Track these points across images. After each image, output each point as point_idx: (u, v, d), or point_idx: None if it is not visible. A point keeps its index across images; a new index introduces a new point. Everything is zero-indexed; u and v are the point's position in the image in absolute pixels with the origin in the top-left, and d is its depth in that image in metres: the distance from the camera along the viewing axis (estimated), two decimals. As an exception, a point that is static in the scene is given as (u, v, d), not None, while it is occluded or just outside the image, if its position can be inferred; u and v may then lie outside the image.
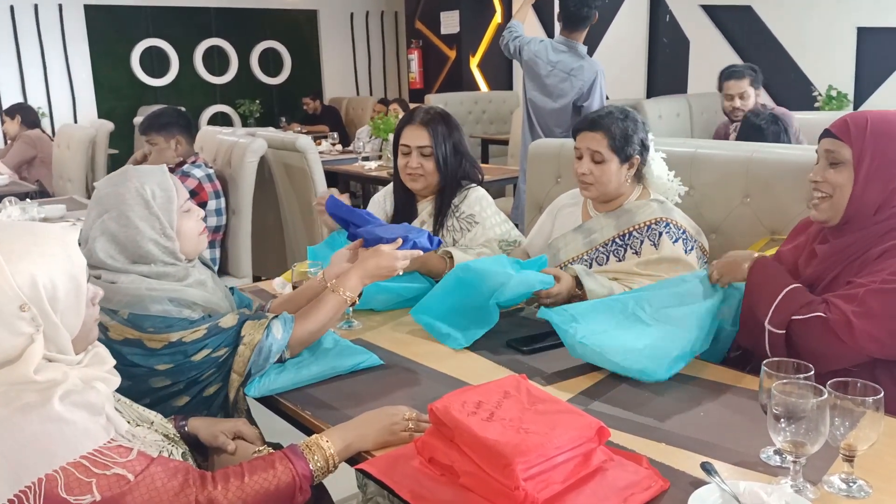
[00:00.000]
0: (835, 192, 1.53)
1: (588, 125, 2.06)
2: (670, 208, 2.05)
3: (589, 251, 2.08)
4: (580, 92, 4.03)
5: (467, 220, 2.30)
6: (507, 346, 1.76)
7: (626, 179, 2.05)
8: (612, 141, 2.00)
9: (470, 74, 8.31)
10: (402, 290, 2.02)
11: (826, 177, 1.54)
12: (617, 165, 2.02)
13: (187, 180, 3.33)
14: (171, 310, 1.48)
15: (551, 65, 4.11)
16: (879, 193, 1.49)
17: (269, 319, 1.55)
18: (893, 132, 1.49)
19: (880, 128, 1.50)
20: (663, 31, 6.75)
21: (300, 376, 1.57)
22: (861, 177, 1.49)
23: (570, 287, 1.91)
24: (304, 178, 3.73)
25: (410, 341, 1.81)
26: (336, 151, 5.93)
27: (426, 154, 2.27)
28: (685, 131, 5.88)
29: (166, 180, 1.53)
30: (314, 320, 1.61)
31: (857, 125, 1.50)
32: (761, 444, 1.25)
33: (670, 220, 2.01)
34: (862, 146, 1.49)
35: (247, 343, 1.51)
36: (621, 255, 2.02)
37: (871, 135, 1.49)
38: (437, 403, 1.17)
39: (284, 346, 1.56)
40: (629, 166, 2.04)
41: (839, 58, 5.55)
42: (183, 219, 1.55)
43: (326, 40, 9.21)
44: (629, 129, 2.02)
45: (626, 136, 2.01)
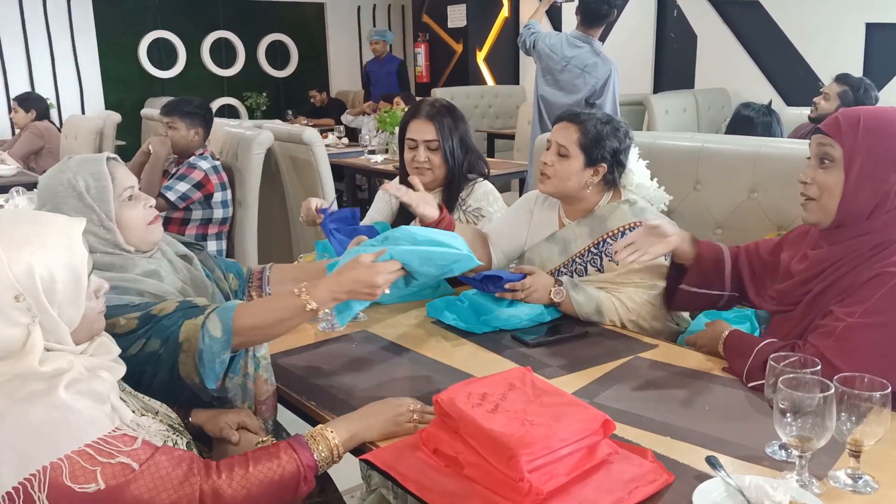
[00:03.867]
0: (822, 194, 1.43)
1: (567, 116, 2.01)
2: (642, 208, 1.98)
3: (566, 262, 2.02)
4: (593, 89, 4.02)
5: (474, 213, 2.30)
6: (513, 339, 1.76)
7: (588, 185, 1.98)
8: (584, 138, 1.94)
9: (476, 68, 8.28)
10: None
11: (814, 178, 1.44)
12: (580, 165, 1.95)
13: (193, 172, 3.34)
14: (112, 297, 1.34)
15: (565, 60, 4.10)
16: (872, 195, 1.38)
17: (204, 316, 1.36)
18: (887, 129, 1.38)
19: (873, 125, 1.38)
20: (671, 25, 6.72)
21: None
22: (852, 177, 1.38)
23: (548, 284, 1.87)
24: (311, 171, 3.72)
25: (415, 334, 1.81)
26: (342, 145, 5.92)
27: (433, 148, 2.27)
28: (692, 127, 5.87)
29: (101, 170, 1.46)
30: (259, 314, 1.40)
31: (849, 122, 1.40)
32: (767, 439, 1.25)
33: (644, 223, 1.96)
34: (854, 145, 1.38)
35: (186, 350, 1.34)
36: (599, 265, 1.96)
37: (863, 133, 1.38)
38: (442, 395, 1.17)
39: (228, 342, 1.36)
40: (593, 173, 1.97)
41: (847, 53, 5.51)
42: (124, 208, 1.47)
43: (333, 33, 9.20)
44: (605, 133, 1.95)
45: (599, 138, 1.94)
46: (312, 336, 1.79)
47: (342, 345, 1.74)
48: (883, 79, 5.42)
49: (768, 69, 6.10)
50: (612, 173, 2.00)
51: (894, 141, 1.38)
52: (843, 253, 1.44)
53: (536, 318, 1.83)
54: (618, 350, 1.68)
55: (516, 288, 1.83)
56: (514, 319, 1.81)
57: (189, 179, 3.33)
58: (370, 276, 1.40)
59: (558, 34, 4.23)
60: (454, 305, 1.87)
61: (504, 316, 1.81)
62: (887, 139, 1.38)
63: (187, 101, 3.48)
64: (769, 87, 6.08)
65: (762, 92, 6.06)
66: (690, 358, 1.65)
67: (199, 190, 3.35)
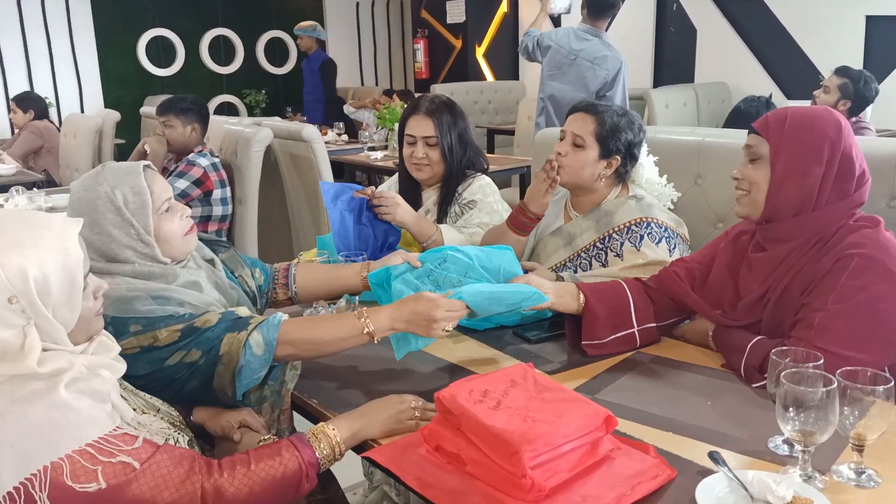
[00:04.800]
0: (752, 188, 1.50)
1: (584, 106, 2.02)
2: (649, 204, 1.98)
3: (571, 257, 2.02)
4: (604, 81, 4.01)
5: (468, 205, 2.30)
6: (514, 336, 1.75)
7: (601, 178, 1.99)
8: (600, 129, 1.95)
9: (476, 64, 8.27)
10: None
11: (745, 173, 1.52)
12: (595, 156, 1.96)
13: (192, 169, 3.33)
14: (156, 308, 1.37)
15: (574, 53, 4.08)
16: (796, 189, 1.44)
17: (248, 333, 1.37)
18: (811, 126, 1.44)
19: (799, 121, 1.45)
20: (670, 19, 6.71)
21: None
22: (778, 171, 1.45)
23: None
24: (310, 168, 3.72)
25: (416, 330, 1.81)
26: (342, 141, 5.92)
27: (431, 144, 2.26)
28: (692, 121, 5.86)
29: (140, 183, 1.42)
30: (316, 329, 1.43)
31: (776, 120, 1.47)
32: (769, 433, 1.24)
33: (651, 219, 1.94)
34: (779, 141, 1.45)
35: (226, 364, 1.35)
36: (604, 260, 1.96)
37: (788, 129, 1.45)
38: (444, 392, 1.17)
39: (269, 360, 1.38)
40: (607, 165, 1.97)
41: (848, 46, 5.50)
42: (162, 221, 1.45)
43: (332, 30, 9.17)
44: (621, 125, 1.96)
45: (616, 130, 1.95)
46: (313, 333, 1.79)
47: (343, 342, 1.74)
48: (883, 71, 5.41)
49: (768, 63, 6.09)
50: (625, 166, 2.01)
51: (816, 136, 1.43)
52: (787, 251, 1.48)
53: (538, 315, 1.83)
54: (619, 345, 1.68)
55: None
56: (515, 315, 1.80)
57: (188, 176, 3.33)
58: (430, 309, 1.40)
59: (564, 29, 4.22)
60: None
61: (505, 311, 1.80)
62: (810, 134, 1.44)
63: (181, 98, 3.48)
64: (769, 81, 6.07)
65: (762, 85, 6.05)
66: (693, 353, 1.64)
67: (198, 187, 3.35)
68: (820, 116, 1.46)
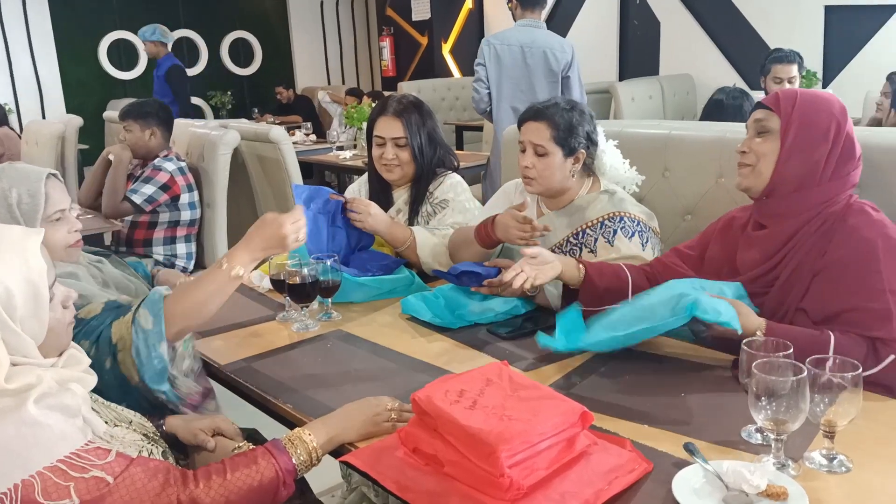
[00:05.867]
0: (759, 160, 1.56)
1: (532, 115, 2.00)
2: (621, 198, 1.99)
3: None
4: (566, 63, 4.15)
5: (440, 205, 2.30)
6: (488, 333, 1.76)
7: (572, 174, 1.99)
8: (556, 132, 1.94)
9: (442, 61, 8.27)
10: (381, 283, 2.01)
11: (751, 146, 1.58)
12: (560, 159, 1.96)
13: (158, 174, 3.29)
14: None
15: (526, 46, 4.14)
16: (803, 163, 1.51)
17: (132, 312, 1.40)
18: (820, 105, 1.52)
19: (809, 100, 1.53)
20: (634, 13, 6.76)
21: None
22: (787, 145, 1.52)
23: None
24: (279, 170, 3.69)
25: (391, 331, 1.80)
26: (310, 142, 5.88)
27: (401, 145, 2.26)
28: (658, 113, 5.91)
29: (38, 187, 1.50)
30: (188, 294, 1.44)
31: (787, 97, 1.55)
32: (742, 423, 1.26)
33: (623, 213, 1.95)
34: (790, 116, 1.52)
35: (122, 349, 1.36)
36: (577, 255, 1.97)
37: (799, 106, 1.52)
38: (420, 393, 1.17)
39: (161, 332, 1.39)
40: (574, 160, 1.97)
41: (807, 36, 5.59)
42: (49, 228, 1.49)
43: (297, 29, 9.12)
44: (574, 120, 1.95)
45: (571, 127, 1.94)
46: (287, 338, 1.78)
47: (317, 345, 1.73)
48: (842, 61, 5.52)
49: (731, 54, 6.17)
50: (591, 156, 2.02)
51: (824, 115, 1.52)
52: (791, 228, 1.54)
53: (511, 311, 1.83)
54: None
55: (493, 284, 1.83)
56: (488, 313, 1.81)
57: (155, 182, 3.28)
58: (275, 229, 1.50)
59: (506, 31, 4.31)
60: (428, 301, 1.86)
61: (479, 310, 1.81)
62: (819, 113, 1.52)
63: (142, 103, 3.42)
64: (732, 72, 6.14)
65: (726, 77, 6.12)
66: (664, 344, 1.66)
67: (165, 192, 3.30)
68: (826, 99, 1.54)
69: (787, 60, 4.01)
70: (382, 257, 2.15)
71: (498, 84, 4.27)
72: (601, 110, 5.62)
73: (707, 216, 2.22)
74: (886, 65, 5.11)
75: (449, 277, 1.89)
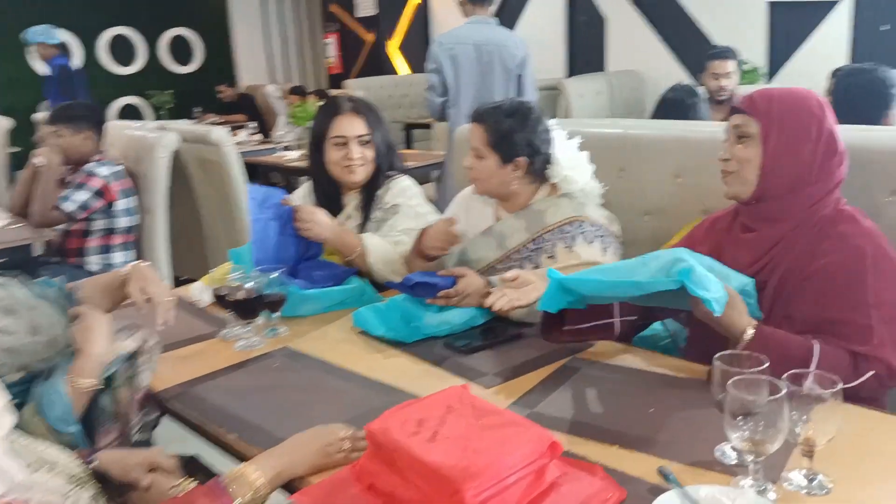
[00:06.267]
0: (742, 166, 1.51)
1: (474, 116, 1.97)
2: (581, 203, 1.93)
3: (502, 258, 1.95)
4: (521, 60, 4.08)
5: (391, 210, 2.20)
6: (445, 347, 1.67)
7: (513, 181, 1.93)
8: (491, 136, 1.90)
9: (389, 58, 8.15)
10: (331, 295, 1.91)
11: (734, 153, 1.52)
12: (496, 164, 1.90)
13: (92, 180, 3.11)
14: None
15: (480, 45, 4.06)
16: (788, 166, 1.47)
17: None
18: (799, 105, 1.48)
19: (786, 100, 1.49)
20: (580, 8, 6.75)
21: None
22: (770, 150, 1.47)
23: (481, 286, 1.79)
24: (221, 173, 3.54)
25: (342, 347, 1.70)
26: (255, 142, 5.70)
27: (366, 142, 2.16)
28: (606, 110, 5.91)
29: None
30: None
31: (763, 99, 1.50)
32: (715, 440, 1.19)
33: (584, 217, 1.89)
34: (769, 119, 1.47)
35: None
36: (537, 261, 1.90)
37: (777, 108, 1.48)
38: (375, 424, 1.07)
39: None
40: (514, 167, 1.90)
41: (751, 32, 5.64)
42: None
43: (238, 25, 8.88)
44: (512, 127, 1.88)
45: (507, 134, 1.88)
46: (230, 357, 1.66)
47: (263, 365, 1.62)
48: (786, 55, 5.59)
49: (677, 50, 6.20)
50: (535, 165, 1.93)
51: (804, 114, 1.47)
52: (781, 231, 1.49)
53: (469, 322, 1.75)
54: (554, 351, 1.61)
55: (449, 294, 1.75)
56: (445, 325, 1.72)
57: (88, 188, 3.10)
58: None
59: (457, 30, 4.21)
60: (381, 313, 1.77)
61: (435, 322, 1.72)
62: (798, 112, 1.47)
63: (72, 105, 3.24)
64: (679, 68, 6.18)
65: (673, 73, 6.15)
66: (628, 356, 1.59)
67: (99, 198, 3.13)
68: (804, 96, 1.50)
69: (722, 56, 4.08)
70: (332, 267, 2.04)
71: (455, 85, 4.17)
72: (550, 107, 5.58)
73: (666, 216, 2.19)
74: (829, 58, 5.19)
75: (402, 288, 1.79)
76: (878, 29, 5.11)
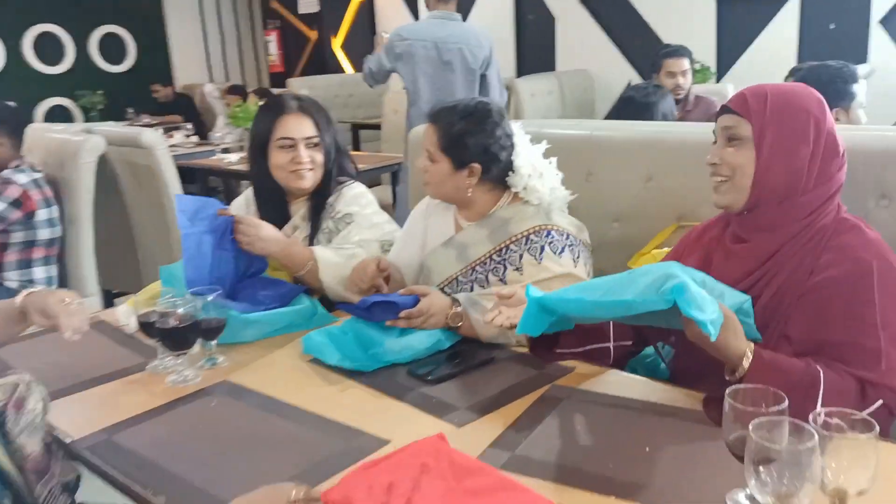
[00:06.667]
0: (735, 172, 1.35)
1: (429, 116, 1.81)
2: (547, 210, 1.77)
3: (465, 271, 1.78)
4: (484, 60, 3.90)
5: (344, 220, 2.00)
6: (409, 376, 1.48)
7: (468, 188, 1.77)
8: (443, 139, 1.75)
9: (334, 56, 7.90)
10: (277, 317, 1.70)
11: (724, 157, 1.37)
12: (448, 169, 1.75)
13: (8, 189, 2.83)
14: None
15: (441, 42, 3.86)
16: (785, 172, 1.32)
17: None
18: (795, 104, 1.33)
19: (781, 100, 1.34)
20: (529, 7, 6.64)
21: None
22: (764, 154, 1.32)
23: (445, 306, 1.61)
24: (154, 179, 3.29)
25: (291, 379, 1.50)
26: (191, 144, 5.40)
27: (315, 144, 1.96)
28: (558, 110, 5.81)
29: None
30: None
31: (756, 98, 1.34)
32: (724, 485, 1.04)
33: (551, 226, 1.73)
34: (763, 121, 1.32)
35: None
36: (502, 274, 1.73)
37: (771, 108, 1.32)
38: (334, 492, 0.88)
39: None
40: (468, 173, 1.75)
41: (700, 30, 5.62)
42: None
43: (173, 22, 8.50)
44: (466, 130, 1.73)
45: (459, 137, 1.73)
46: (160, 395, 1.44)
47: (199, 404, 1.40)
48: (734, 54, 5.56)
49: (627, 50, 6.14)
50: (491, 171, 1.77)
51: (801, 114, 1.33)
52: (776, 242, 1.34)
53: (434, 347, 1.57)
54: (531, 379, 1.44)
55: (411, 315, 1.56)
56: (408, 351, 1.54)
57: (4, 197, 2.81)
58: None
59: (418, 24, 4.00)
60: (335, 338, 1.57)
61: (396, 348, 1.54)
62: (795, 112, 1.33)
63: None
64: (629, 68, 6.12)
65: (623, 73, 6.11)
66: (612, 379, 1.44)
67: (17, 208, 2.84)
68: (800, 93, 1.35)
69: (678, 55, 4.03)
70: (278, 284, 1.83)
71: (413, 83, 3.95)
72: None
73: (638, 222, 2.05)
74: (778, 57, 5.22)
75: (358, 312, 1.60)
76: (827, 27, 5.12)
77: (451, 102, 1.82)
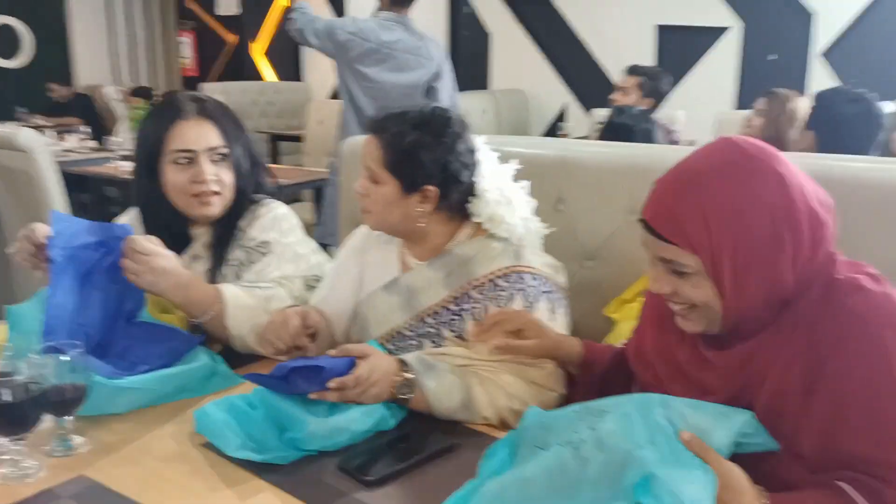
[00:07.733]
0: (699, 303, 1.04)
1: (370, 126, 1.43)
2: (518, 248, 1.42)
3: (412, 323, 1.41)
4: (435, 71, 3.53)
5: (259, 248, 1.59)
6: (341, 473, 1.08)
7: (419, 217, 1.41)
8: (390, 155, 1.38)
9: (254, 62, 7.44)
10: (161, 380, 1.27)
11: (679, 290, 1.05)
12: (397, 193, 1.39)
13: None
14: None
15: (388, 46, 3.43)
16: (759, 285, 1.00)
17: None
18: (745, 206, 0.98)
19: (726, 209, 0.98)
20: (463, 23, 6.39)
21: None
22: (727, 285, 1.00)
23: (391, 371, 1.21)
24: (31, 186, 2.81)
25: (173, 475, 1.08)
26: (87, 149, 4.84)
27: (222, 156, 1.55)
28: (493, 129, 5.56)
29: None
30: None
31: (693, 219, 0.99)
32: None
33: (524, 268, 1.39)
34: (711, 249, 0.99)
35: None
36: (460, 329, 1.37)
37: (716, 228, 0.98)
38: None
39: None
40: (421, 198, 1.40)
41: (639, 55, 5.47)
42: None
43: (76, 16, 7.86)
44: (419, 143, 1.37)
45: (409, 153, 1.37)
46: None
47: (36, 518, 0.97)
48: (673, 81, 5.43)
49: (563, 71, 6.02)
50: (450, 196, 1.41)
51: (758, 216, 0.98)
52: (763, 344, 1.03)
53: (374, 428, 1.17)
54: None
55: (345, 385, 1.16)
56: (340, 435, 1.14)
57: None
58: None
59: (366, 20, 3.53)
60: (240, 415, 1.16)
61: (323, 430, 1.13)
62: (749, 218, 0.98)
63: None
64: (565, 89, 5.99)
65: (559, 94, 5.98)
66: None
67: None
68: (748, 183, 0.98)
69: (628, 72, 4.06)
70: (166, 334, 1.40)
71: (347, 86, 3.46)
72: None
73: (616, 262, 1.72)
74: (717, 86, 5.14)
75: (273, 383, 1.19)
76: (766, 58, 5.05)
77: (398, 109, 1.44)
